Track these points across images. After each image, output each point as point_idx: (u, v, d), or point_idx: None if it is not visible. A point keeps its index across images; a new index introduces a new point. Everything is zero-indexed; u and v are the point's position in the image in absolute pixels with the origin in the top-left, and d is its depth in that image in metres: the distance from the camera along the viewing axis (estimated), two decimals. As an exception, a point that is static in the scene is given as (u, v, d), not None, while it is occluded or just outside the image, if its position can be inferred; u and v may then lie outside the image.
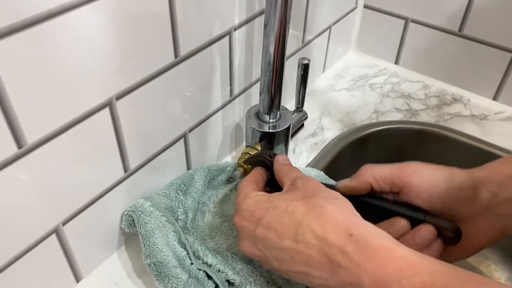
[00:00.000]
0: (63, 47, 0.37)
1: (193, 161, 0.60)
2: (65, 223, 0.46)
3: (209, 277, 0.48)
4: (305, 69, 0.62)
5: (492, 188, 0.41)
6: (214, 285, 0.47)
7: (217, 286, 0.47)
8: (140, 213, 0.50)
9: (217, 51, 0.54)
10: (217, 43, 0.54)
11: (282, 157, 0.48)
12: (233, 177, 0.60)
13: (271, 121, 0.59)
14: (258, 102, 0.59)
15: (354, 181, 0.46)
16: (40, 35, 0.35)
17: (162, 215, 0.51)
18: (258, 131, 0.59)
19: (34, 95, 0.37)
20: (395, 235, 0.41)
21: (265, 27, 0.51)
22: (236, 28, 0.56)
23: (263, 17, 0.51)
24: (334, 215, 0.37)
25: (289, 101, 0.76)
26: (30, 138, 0.38)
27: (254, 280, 0.48)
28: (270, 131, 0.59)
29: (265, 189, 0.48)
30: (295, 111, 0.68)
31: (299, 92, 0.65)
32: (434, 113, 0.77)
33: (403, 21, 0.83)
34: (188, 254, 0.50)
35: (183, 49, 0.49)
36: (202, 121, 0.58)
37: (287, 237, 0.38)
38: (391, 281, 0.32)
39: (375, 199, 0.46)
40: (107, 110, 0.44)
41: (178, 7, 0.46)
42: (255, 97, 0.67)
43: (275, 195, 0.42)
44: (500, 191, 0.41)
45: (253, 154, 0.54)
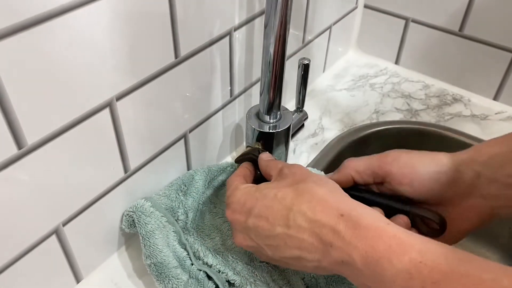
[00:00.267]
0: (63, 47, 0.37)
1: (193, 161, 0.60)
2: (65, 224, 0.46)
3: (210, 277, 0.48)
4: (305, 69, 0.62)
5: (475, 167, 0.41)
6: (214, 286, 0.47)
7: (217, 286, 0.47)
8: (140, 213, 0.50)
9: (217, 51, 0.54)
10: (218, 44, 0.54)
11: (265, 155, 0.50)
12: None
13: (271, 121, 0.59)
14: (258, 102, 0.59)
15: (336, 175, 0.47)
16: (40, 36, 0.35)
17: (162, 216, 0.51)
18: (258, 131, 0.59)
19: (34, 96, 0.37)
20: None
21: (265, 27, 0.51)
22: (236, 28, 0.56)
23: (263, 17, 0.51)
24: (324, 197, 0.38)
25: (289, 101, 0.76)
26: (30, 138, 0.38)
27: (254, 280, 0.48)
28: (270, 131, 0.59)
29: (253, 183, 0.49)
30: (295, 111, 0.68)
31: (300, 92, 0.65)
32: (434, 113, 0.77)
33: (404, 21, 0.82)
34: (188, 254, 0.50)
35: (183, 50, 0.49)
36: (202, 121, 0.58)
37: (278, 224, 0.39)
38: (381, 259, 0.33)
39: (360, 192, 0.46)
40: (107, 110, 0.44)
41: (178, 8, 0.46)
42: (255, 97, 0.67)
43: (263, 185, 0.43)
44: (484, 170, 0.41)
45: (242, 152, 0.54)
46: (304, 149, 0.70)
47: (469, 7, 0.74)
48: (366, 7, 0.86)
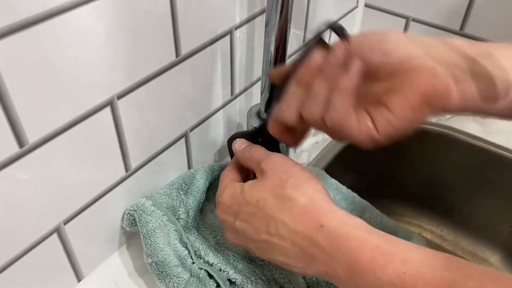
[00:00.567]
0: (64, 46, 0.37)
1: (194, 160, 0.60)
2: (66, 223, 0.46)
3: (211, 276, 0.48)
4: (306, 68, 0.62)
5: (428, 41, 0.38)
6: (215, 284, 0.47)
7: (218, 285, 0.47)
8: (141, 212, 0.50)
9: (218, 50, 0.54)
10: (218, 42, 0.54)
11: (237, 145, 0.47)
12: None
13: (272, 120, 0.59)
14: (259, 101, 0.59)
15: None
16: (41, 35, 0.35)
17: (163, 214, 0.51)
18: (259, 130, 0.59)
19: (35, 95, 0.37)
20: (311, 66, 0.38)
21: (266, 26, 0.51)
22: (237, 27, 0.56)
23: (264, 16, 0.51)
24: (305, 207, 0.37)
25: (290, 100, 0.76)
26: (31, 137, 0.38)
27: (255, 279, 0.48)
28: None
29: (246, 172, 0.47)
30: (296, 110, 0.68)
31: (300, 91, 0.65)
32: (435, 112, 0.77)
33: (404, 20, 0.82)
34: (189, 253, 0.50)
35: (184, 48, 0.49)
36: (203, 120, 0.58)
37: (262, 230, 0.39)
38: (365, 271, 0.33)
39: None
40: (108, 109, 0.44)
41: (179, 6, 0.46)
42: (256, 96, 0.67)
43: (247, 188, 0.41)
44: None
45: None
46: (305, 148, 0.70)
47: (469, 6, 0.74)
48: (366, 6, 0.86)
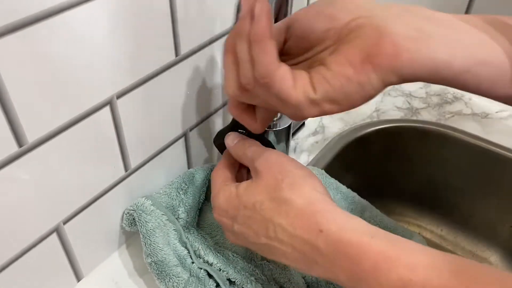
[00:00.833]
0: (63, 45, 0.37)
1: (193, 160, 0.60)
2: (65, 222, 0.46)
3: (210, 276, 0.48)
4: (306, 68, 0.62)
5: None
6: (215, 284, 0.47)
7: (218, 285, 0.47)
8: (141, 212, 0.50)
9: (218, 49, 0.54)
10: (218, 41, 0.54)
11: (229, 139, 0.45)
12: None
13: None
14: (259, 100, 0.59)
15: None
16: (39, 34, 0.35)
17: (163, 214, 0.50)
18: (259, 129, 0.59)
19: (34, 94, 0.37)
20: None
21: (266, 25, 0.51)
22: (236, 26, 0.56)
23: (264, 15, 0.50)
24: (302, 210, 0.36)
25: (290, 100, 0.76)
26: (30, 137, 0.38)
27: (255, 279, 0.48)
28: (271, 129, 0.59)
29: (243, 169, 0.46)
30: (296, 109, 0.68)
31: (300, 90, 0.65)
32: (435, 111, 0.77)
33: (404, 20, 0.82)
34: (189, 253, 0.50)
35: (184, 48, 0.49)
36: (202, 119, 0.58)
37: (262, 234, 0.38)
38: (368, 278, 0.31)
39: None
40: (107, 108, 0.44)
41: (178, 6, 0.46)
42: (256, 96, 0.67)
43: (242, 189, 0.40)
44: None
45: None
46: (304, 148, 0.70)
47: (469, 6, 0.74)
48: (366, 5, 0.86)
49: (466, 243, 0.77)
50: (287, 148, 0.63)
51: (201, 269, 0.48)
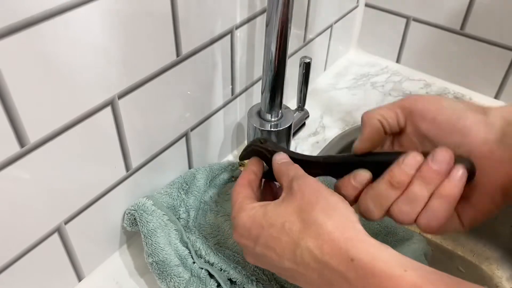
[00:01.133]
0: (65, 46, 0.37)
1: (194, 160, 0.60)
2: (67, 222, 0.46)
3: (211, 276, 0.48)
4: (306, 68, 0.62)
5: (505, 115, 0.36)
6: (216, 284, 0.47)
7: (219, 285, 0.47)
8: (142, 212, 0.50)
9: (218, 49, 0.54)
10: (219, 42, 0.54)
11: (278, 156, 0.44)
12: (235, 176, 0.60)
13: (272, 120, 0.59)
14: (259, 100, 0.59)
15: (365, 130, 0.40)
16: (41, 35, 0.35)
17: (164, 214, 0.51)
18: (259, 129, 0.59)
19: (36, 94, 0.37)
20: (409, 170, 0.36)
21: (267, 25, 0.51)
22: (238, 26, 0.56)
23: (265, 15, 0.51)
24: (333, 234, 0.34)
25: (290, 100, 0.76)
26: (32, 137, 0.38)
27: (256, 278, 0.48)
28: (271, 129, 0.59)
29: (261, 187, 0.46)
30: (296, 110, 0.68)
31: (301, 90, 0.65)
32: (435, 111, 0.77)
33: (405, 20, 0.82)
34: (190, 253, 0.50)
35: (185, 48, 0.49)
36: (203, 120, 0.58)
37: (286, 258, 0.36)
38: None
39: (377, 155, 0.41)
40: (109, 109, 0.44)
41: (180, 6, 0.46)
42: (256, 96, 0.67)
43: (271, 208, 0.38)
44: None
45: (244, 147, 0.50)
46: (305, 148, 0.70)
47: (470, 6, 0.74)
48: (367, 5, 0.86)
49: (466, 242, 0.77)
50: (288, 148, 0.63)
51: (202, 269, 0.48)
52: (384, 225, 0.57)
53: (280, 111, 0.59)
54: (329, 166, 0.40)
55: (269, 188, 0.47)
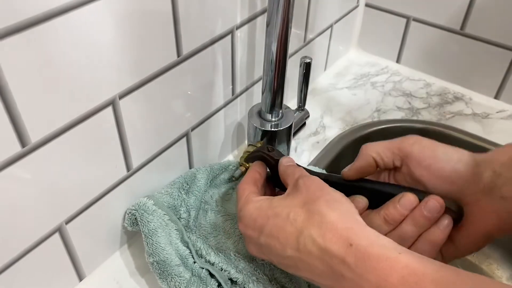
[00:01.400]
0: (66, 46, 0.37)
1: (195, 160, 0.60)
2: (68, 222, 0.46)
3: (212, 275, 0.48)
4: (307, 68, 0.62)
5: (494, 167, 0.40)
6: (217, 284, 0.47)
7: (219, 284, 0.47)
8: (142, 211, 0.50)
9: (219, 50, 0.54)
10: (220, 42, 0.54)
11: (286, 159, 0.48)
12: (235, 176, 0.60)
13: (273, 119, 0.59)
14: (260, 100, 0.59)
15: (358, 161, 0.45)
16: (43, 35, 0.35)
17: (164, 214, 0.51)
18: (260, 129, 0.59)
19: (37, 94, 0.37)
20: (403, 210, 0.40)
21: (268, 26, 0.51)
22: (238, 27, 0.56)
23: (266, 16, 0.51)
24: (335, 223, 0.36)
25: (291, 100, 0.76)
26: (33, 137, 0.38)
27: (257, 278, 0.48)
28: (272, 129, 0.59)
29: (264, 188, 0.48)
30: (297, 109, 0.68)
31: (301, 90, 0.65)
32: (435, 111, 0.77)
33: (405, 20, 0.82)
34: (190, 252, 0.50)
35: (186, 48, 0.49)
36: (204, 119, 0.58)
37: (289, 246, 0.38)
38: None
39: (372, 184, 0.45)
40: (110, 108, 0.44)
41: (180, 6, 0.46)
42: (257, 96, 0.67)
43: (276, 200, 0.41)
44: (503, 171, 0.39)
45: (251, 151, 0.54)
46: (305, 148, 0.70)
47: (470, 6, 0.74)
48: (367, 6, 0.86)
49: (466, 242, 0.77)
50: (288, 147, 0.63)
51: (203, 268, 0.48)
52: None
53: (280, 111, 0.59)
54: (328, 184, 0.42)
55: (269, 190, 0.50)
